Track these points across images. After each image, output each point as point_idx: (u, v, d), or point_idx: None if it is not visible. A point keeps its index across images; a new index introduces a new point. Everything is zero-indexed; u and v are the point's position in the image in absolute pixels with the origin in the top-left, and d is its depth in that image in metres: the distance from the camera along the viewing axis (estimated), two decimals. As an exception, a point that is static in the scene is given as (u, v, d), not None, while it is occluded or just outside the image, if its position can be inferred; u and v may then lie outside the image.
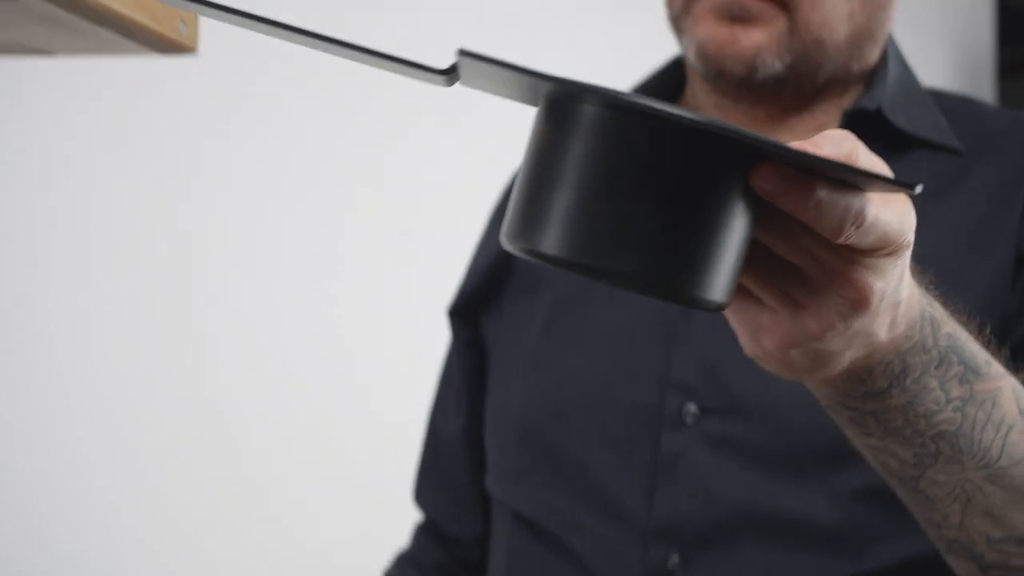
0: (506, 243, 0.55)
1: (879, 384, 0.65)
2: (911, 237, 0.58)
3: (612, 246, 0.52)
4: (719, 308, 0.55)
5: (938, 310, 0.66)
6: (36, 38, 0.71)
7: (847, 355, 0.62)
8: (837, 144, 0.54)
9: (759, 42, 0.94)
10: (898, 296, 0.60)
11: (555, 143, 0.54)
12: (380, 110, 1.81)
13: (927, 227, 0.68)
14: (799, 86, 0.97)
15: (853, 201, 0.54)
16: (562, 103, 0.53)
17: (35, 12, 0.65)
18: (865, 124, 0.96)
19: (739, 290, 0.60)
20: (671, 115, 0.50)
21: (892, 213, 0.56)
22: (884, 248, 0.57)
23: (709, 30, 0.95)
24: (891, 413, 0.66)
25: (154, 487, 1.55)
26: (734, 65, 0.94)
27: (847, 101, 1.00)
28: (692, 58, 0.98)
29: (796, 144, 0.52)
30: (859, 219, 0.54)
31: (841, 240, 0.55)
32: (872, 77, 1.00)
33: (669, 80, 1.07)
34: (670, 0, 1.00)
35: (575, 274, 0.54)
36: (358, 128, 1.80)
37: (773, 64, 0.94)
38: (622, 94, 0.51)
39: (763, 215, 0.55)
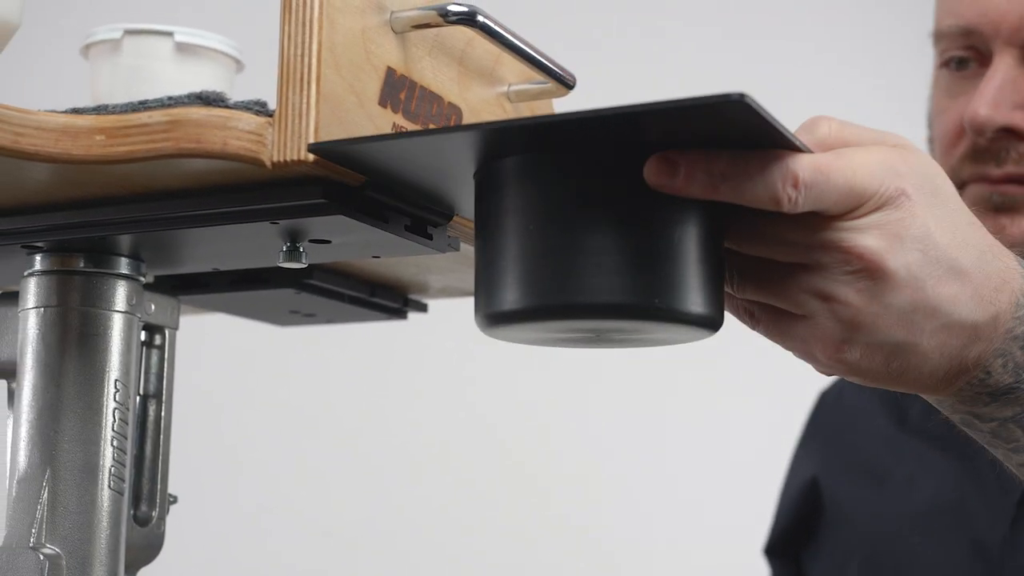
0: (480, 327, 0.53)
1: (1004, 380, 0.57)
2: (900, 184, 0.52)
3: (565, 282, 0.50)
4: (706, 322, 0.51)
5: None
6: (470, 282, 0.74)
7: (925, 344, 0.55)
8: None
9: None
10: (939, 254, 0.53)
11: (482, 212, 0.53)
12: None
13: None
14: None
15: (769, 163, 0.49)
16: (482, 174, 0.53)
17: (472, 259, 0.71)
18: None
19: (768, 310, 0.56)
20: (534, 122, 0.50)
21: (853, 166, 0.51)
22: (862, 204, 0.52)
23: None
24: None
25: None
26: None
27: None
28: None
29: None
30: (791, 178, 0.49)
31: (789, 207, 0.50)
32: None
33: None
34: None
35: (552, 322, 0.51)
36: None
37: None
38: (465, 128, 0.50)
39: (720, 219, 0.52)
